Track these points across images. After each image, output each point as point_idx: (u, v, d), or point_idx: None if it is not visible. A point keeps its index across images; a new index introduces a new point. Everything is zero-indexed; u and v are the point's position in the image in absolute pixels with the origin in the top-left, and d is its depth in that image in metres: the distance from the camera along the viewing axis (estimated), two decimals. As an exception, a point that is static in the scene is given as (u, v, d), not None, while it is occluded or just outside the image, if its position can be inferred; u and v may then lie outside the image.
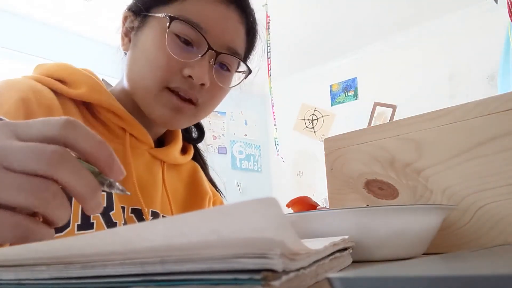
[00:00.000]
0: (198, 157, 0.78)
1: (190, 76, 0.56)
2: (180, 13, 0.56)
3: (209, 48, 0.56)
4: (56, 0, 2.55)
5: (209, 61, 0.58)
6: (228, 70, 0.62)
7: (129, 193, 0.30)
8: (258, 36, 0.68)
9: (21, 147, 0.25)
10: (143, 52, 0.58)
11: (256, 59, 0.68)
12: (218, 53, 0.58)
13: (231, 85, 0.65)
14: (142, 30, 0.59)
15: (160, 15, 0.57)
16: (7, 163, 0.25)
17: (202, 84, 0.57)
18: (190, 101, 0.59)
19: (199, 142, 0.78)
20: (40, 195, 0.25)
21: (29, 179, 0.25)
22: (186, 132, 0.76)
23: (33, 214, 0.26)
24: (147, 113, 0.60)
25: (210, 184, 0.77)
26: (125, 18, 0.63)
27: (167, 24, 0.55)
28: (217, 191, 0.78)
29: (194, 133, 0.78)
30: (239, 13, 0.61)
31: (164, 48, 0.56)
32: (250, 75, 0.67)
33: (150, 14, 0.59)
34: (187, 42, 0.57)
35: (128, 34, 0.62)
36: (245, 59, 0.66)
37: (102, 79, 0.65)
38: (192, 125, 0.78)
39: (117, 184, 0.28)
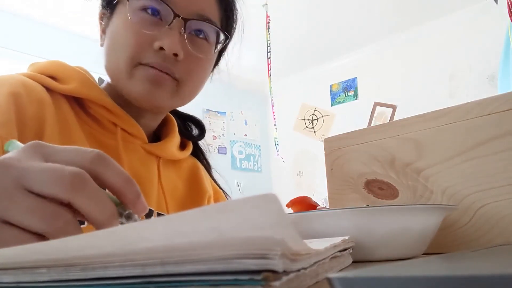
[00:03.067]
0: (202, 158, 0.77)
1: (161, 48, 0.55)
2: None
3: (175, 15, 0.55)
4: (55, 0, 2.55)
5: (179, 31, 0.56)
6: (205, 39, 0.60)
7: None
8: (235, 8, 0.66)
9: (42, 168, 0.25)
10: (113, 38, 0.57)
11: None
12: (186, 20, 0.56)
13: (211, 55, 0.62)
14: (111, 19, 0.59)
15: None
16: (28, 184, 0.25)
17: (176, 55, 0.56)
18: (167, 75, 0.57)
19: (200, 139, 0.77)
20: (53, 222, 0.25)
21: (45, 204, 0.25)
22: (186, 129, 0.76)
23: None
24: (126, 94, 0.58)
25: (213, 183, 0.76)
26: (102, 16, 0.62)
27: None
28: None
29: (195, 131, 0.77)
30: None
31: (131, 25, 0.55)
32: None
33: (115, 1, 0.58)
34: (154, 14, 0.55)
35: (105, 30, 0.61)
36: (223, 29, 0.63)
37: (99, 78, 0.65)
38: (191, 122, 0.78)
39: (135, 216, 0.29)
